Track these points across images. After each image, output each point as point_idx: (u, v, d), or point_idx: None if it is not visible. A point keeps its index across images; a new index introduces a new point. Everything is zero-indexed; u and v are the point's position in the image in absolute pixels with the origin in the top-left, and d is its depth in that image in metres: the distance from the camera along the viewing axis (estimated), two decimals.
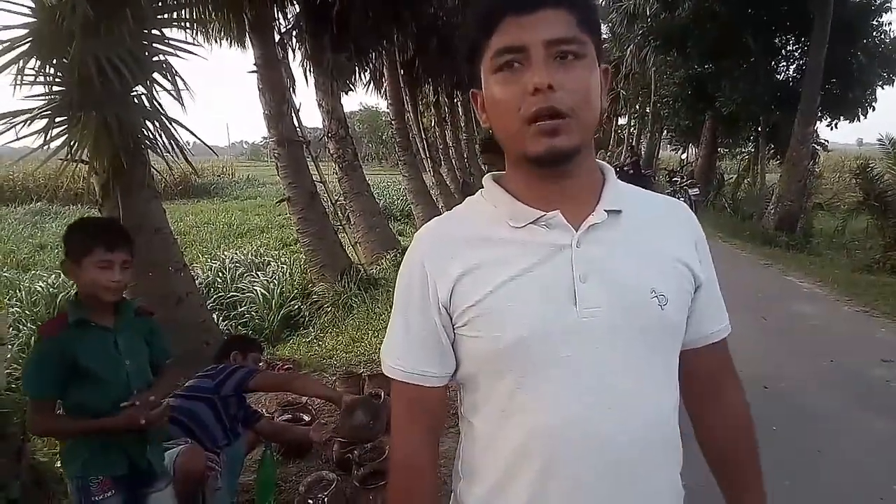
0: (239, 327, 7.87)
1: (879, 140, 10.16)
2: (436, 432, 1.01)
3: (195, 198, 25.98)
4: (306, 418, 3.54)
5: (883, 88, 14.71)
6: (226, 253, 11.75)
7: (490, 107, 0.90)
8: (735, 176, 20.06)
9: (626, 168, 19.00)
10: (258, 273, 9.78)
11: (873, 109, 14.95)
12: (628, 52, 26.46)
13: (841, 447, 3.45)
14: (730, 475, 1.06)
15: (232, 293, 9.05)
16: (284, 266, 9.84)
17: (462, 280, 0.90)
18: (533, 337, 0.87)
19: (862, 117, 15.18)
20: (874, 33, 14.00)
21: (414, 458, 0.98)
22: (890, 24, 14.50)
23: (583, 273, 0.87)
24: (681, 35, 15.53)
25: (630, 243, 0.91)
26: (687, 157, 23.69)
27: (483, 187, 1.01)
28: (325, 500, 2.61)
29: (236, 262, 10.68)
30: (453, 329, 0.93)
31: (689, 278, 0.94)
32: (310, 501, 2.61)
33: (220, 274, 9.95)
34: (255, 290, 8.61)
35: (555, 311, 0.87)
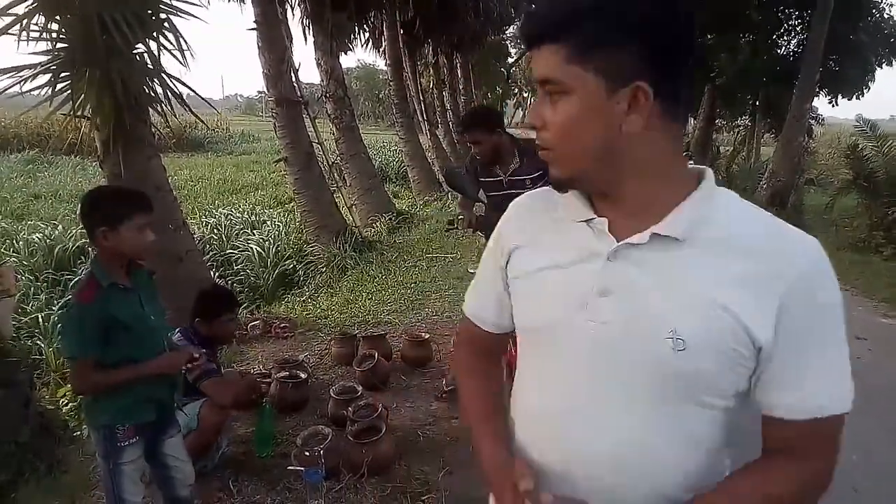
0: (235, 285, 8.01)
1: (856, 125, 10.26)
2: (485, 361, 1.14)
3: (189, 152, 25.81)
4: (303, 375, 3.69)
5: (881, 67, 14.73)
6: (221, 210, 11.81)
7: None
8: (731, 149, 20.09)
9: None
10: (254, 231, 9.88)
11: (868, 89, 15.00)
12: None
13: None
14: None
15: (228, 251, 9.17)
16: (280, 225, 9.92)
17: (517, 251, 0.98)
18: (539, 327, 0.95)
19: (860, 95, 15.25)
20: (875, 12, 13.95)
21: (463, 362, 1.16)
22: (891, 5, 14.45)
23: (604, 286, 0.86)
24: (686, 4, 15.37)
25: (670, 274, 0.83)
26: (685, 128, 23.65)
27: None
28: (321, 452, 2.76)
29: (232, 220, 10.77)
30: (507, 291, 1.03)
31: (738, 334, 0.79)
32: (306, 453, 2.76)
33: (216, 231, 10.05)
34: (251, 248, 8.71)
35: (564, 311, 0.89)
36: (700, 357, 0.80)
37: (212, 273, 7.43)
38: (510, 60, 44.50)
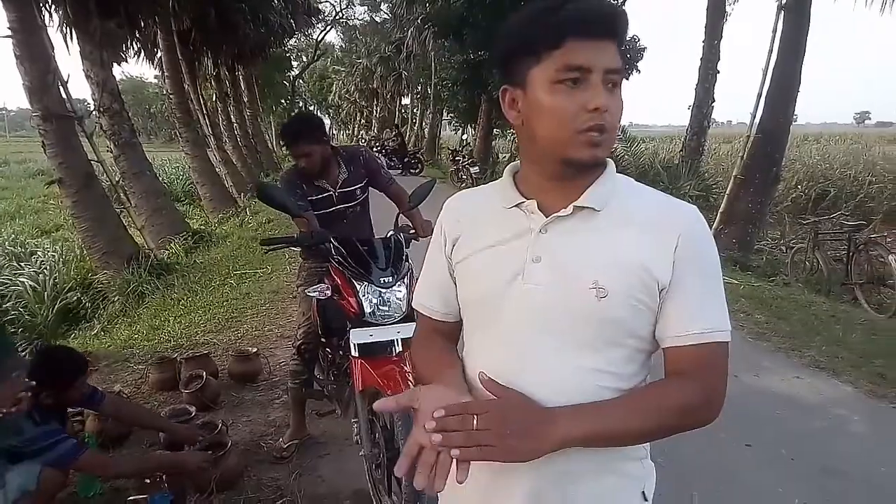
0: (5, 325, 7.00)
1: None
2: (440, 339, 1.22)
3: None
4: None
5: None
6: None
7: (537, 111, 0.98)
8: (508, 155, 21.96)
9: (387, 146, 21.79)
10: (21, 264, 8.71)
11: None
12: (409, 33, 27.23)
13: None
14: None
15: None
16: (54, 255, 8.84)
17: (458, 240, 1.14)
18: (483, 298, 1.08)
19: None
20: None
21: (418, 341, 1.26)
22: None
23: (536, 255, 1.01)
24: (457, 23, 16.52)
25: (590, 238, 1.00)
26: (467, 137, 25.27)
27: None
28: (163, 476, 2.65)
29: None
30: (453, 277, 1.17)
31: (646, 282, 0.97)
32: (147, 481, 2.63)
33: None
34: (23, 283, 7.68)
35: (504, 281, 1.04)
36: (618, 303, 0.96)
37: None
38: (293, 73, 43.98)
